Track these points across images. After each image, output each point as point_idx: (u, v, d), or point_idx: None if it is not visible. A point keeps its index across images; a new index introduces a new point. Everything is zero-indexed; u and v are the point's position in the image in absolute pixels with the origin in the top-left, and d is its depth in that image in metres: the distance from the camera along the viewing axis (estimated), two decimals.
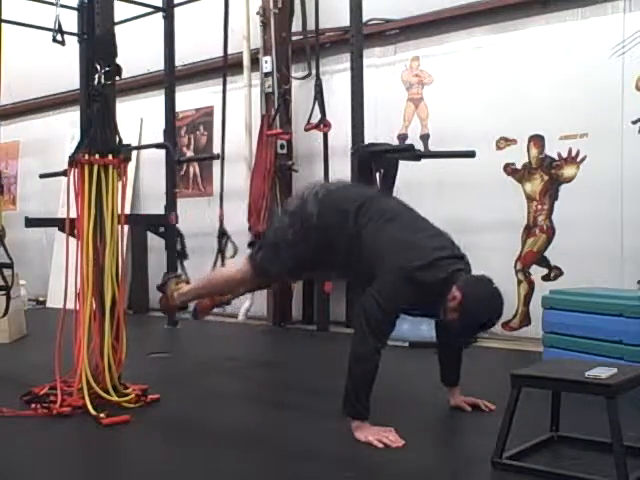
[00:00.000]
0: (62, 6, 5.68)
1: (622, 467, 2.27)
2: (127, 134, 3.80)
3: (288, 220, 3.30)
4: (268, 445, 2.89)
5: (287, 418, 3.31)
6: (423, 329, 3.39)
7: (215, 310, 4.04)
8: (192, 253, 5.92)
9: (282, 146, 6.35)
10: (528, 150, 5.27)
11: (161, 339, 5.97)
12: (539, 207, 5.23)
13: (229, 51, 6.50)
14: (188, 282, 3.93)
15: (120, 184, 3.52)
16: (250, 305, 6.59)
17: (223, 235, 5.81)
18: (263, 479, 2.56)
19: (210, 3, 6.13)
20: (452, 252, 3.06)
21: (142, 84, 7.39)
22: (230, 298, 3.95)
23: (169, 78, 6.17)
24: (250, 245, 3.51)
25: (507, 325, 5.37)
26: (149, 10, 6.05)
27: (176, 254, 5.52)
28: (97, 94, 3.51)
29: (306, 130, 5.90)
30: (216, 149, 6.97)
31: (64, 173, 3.62)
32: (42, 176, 6.71)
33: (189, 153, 7.38)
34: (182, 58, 6.53)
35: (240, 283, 3.64)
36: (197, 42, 6.38)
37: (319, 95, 5.76)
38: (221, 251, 5.71)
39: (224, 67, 5.83)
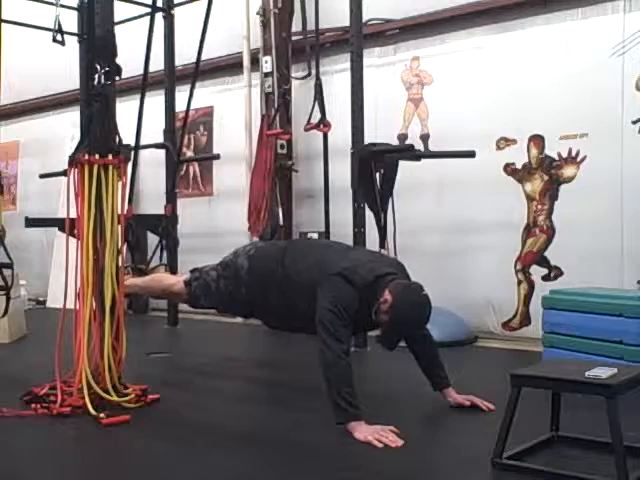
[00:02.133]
0: (62, 6, 5.67)
1: (622, 467, 2.27)
2: (127, 134, 3.80)
3: (222, 270, 3.60)
4: (268, 445, 2.90)
5: (287, 418, 3.31)
6: None
7: None
8: (191, 252, 5.92)
9: (282, 146, 6.35)
10: (528, 150, 5.26)
11: (161, 339, 5.98)
12: (539, 207, 5.23)
13: (228, 51, 6.52)
14: (132, 275, 4.31)
15: (120, 184, 3.53)
16: None
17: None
18: (263, 478, 2.56)
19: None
20: (377, 258, 3.38)
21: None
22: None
23: (169, 78, 6.17)
24: (192, 271, 3.73)
25: (507, 325, 5.38)
26: (149, 10, 6.04)
27: (129, 246, 5.53)
28: (97, 94, 3.51)
29: (306, 130, 5.90)
30: (216, 149, 6.98)
31: (64, 173, 3.63)
32: (42, 176, 6.70)
33: (189, 153, 7.38)
34: (182, 58, 6.52)
35: (173, 296, 4.09)
36: (197, 42, 6.36)
37: (319, 95, 5.76)
38: (162, 247, 5.72)
39: (195, 72, 5.77)
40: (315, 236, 5.76)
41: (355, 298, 3.08)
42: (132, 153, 5.71)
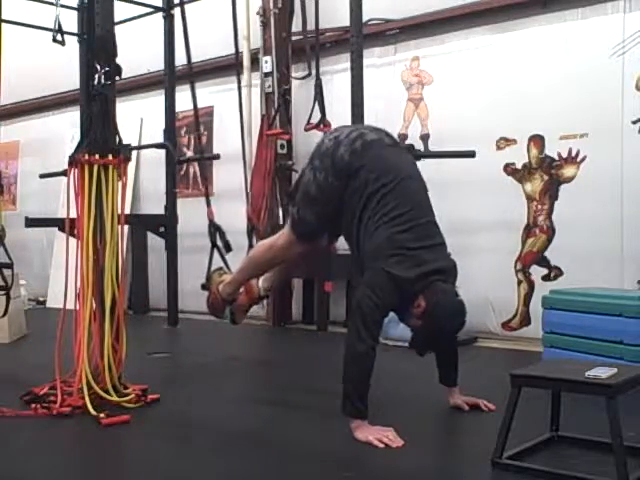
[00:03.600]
0: (62, 6, 5.69)
1: (622, 467, 2.27)
2: (127, 134, 3.80)
3: (319, 163, 3.16)
4: (268, 445, 2.90)
5: (287, 418, 3.31)
6: None
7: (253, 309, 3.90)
8: (192, 253, 5.92)
9: (282, 146, 6.35)
10: (528, 150, 5.26)
11: (161, 339, 5.98)
12: (539, 207, 5.23)
13: (227, 52, 6.51)
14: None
15: (120, 184, 3.53)
16: None
17: (216, 230, 5.75)
18: (263, 478, 2.56)
19: (210, 3, 6.14)
20: (436, 250, 3.05)
21: (142, 84, 7.39)
22: (267, 291, 3.73)
23: (169, 78, 6.18)
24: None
25: (507, 325, 5.37)
26: (149, 10, 6.06)
27: (217, 248, 5.38)
28: (97, 94, 3.51)
29: (306, 130, 5.90)
30: (217, 149, 6.97)
31: (64, 173, 3.63)
32: (42, 176, 6.71)
33: (189, 153, 7.38)
34: (182, 58, 6.53)
35: (281, 251, 3.35)
36: (197, 42, 6.37)
37: (319, 95, 5.76)
38: (215, 245, 5.66)
39: (237, 62, 5.84)
40: None
41: (394, 294, 2.92)
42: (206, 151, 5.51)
